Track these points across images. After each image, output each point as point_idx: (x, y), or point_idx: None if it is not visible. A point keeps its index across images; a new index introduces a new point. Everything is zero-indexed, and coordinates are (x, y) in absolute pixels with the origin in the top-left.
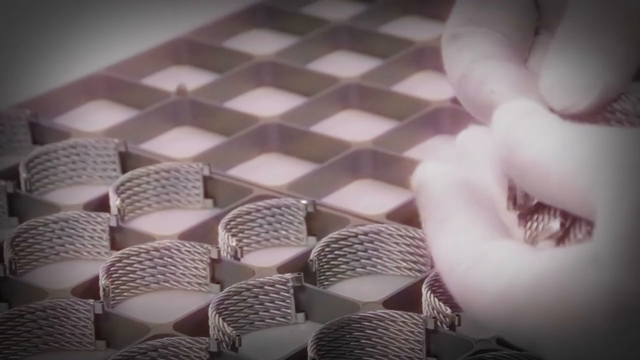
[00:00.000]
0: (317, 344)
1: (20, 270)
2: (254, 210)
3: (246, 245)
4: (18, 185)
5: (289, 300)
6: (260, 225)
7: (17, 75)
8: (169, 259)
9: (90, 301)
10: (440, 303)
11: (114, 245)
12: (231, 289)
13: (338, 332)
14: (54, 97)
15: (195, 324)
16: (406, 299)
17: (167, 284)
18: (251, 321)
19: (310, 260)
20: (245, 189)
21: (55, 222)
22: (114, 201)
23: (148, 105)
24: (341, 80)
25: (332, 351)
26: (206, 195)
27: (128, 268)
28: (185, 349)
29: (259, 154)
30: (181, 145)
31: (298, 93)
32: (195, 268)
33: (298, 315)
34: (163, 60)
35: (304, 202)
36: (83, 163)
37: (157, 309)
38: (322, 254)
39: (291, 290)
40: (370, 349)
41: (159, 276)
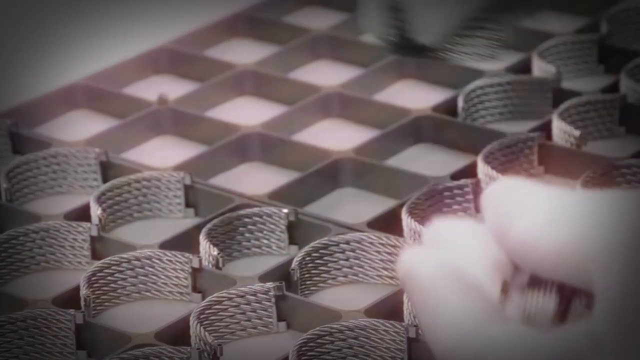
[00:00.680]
0: (299, 353)
1: (0, 280)
2: (236, 219)
3: (227, 254)
4: None
5: (270, 309)
6: (242, 234)
7: None
8: (150, 269)
9: (71, 311)
10: None
11: (95, 255)
12: (212, 298)
13: (320, 341)
14: (35, 107)
15: (177, 334)
16: (387, 308)
17: (149, 294)
18: (233, 330)
19: (292, 269)
20: (227, 198)
21: (36, 232)
22: (95, 211)
23: (129, 115)
24: (322, 89)
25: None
26: (187, 204)
27: (109, 278)
28: (166, 359)
29: (240, 163)
30: (162, 154)
31: (279, 102)
32: (176, 277)
33: (280, 324)
34: (144, 70)
35: (285, 211)
36: (64, 173)
37: (139, 318)
38: (304, 263)
39: (273, 299)
40: (352, 358)
41: (140, 286)
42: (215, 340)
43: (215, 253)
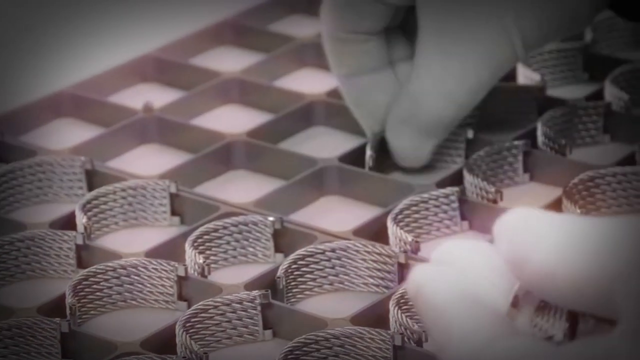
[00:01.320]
0: None
1: None
2: (221, 227)
3: (213, 262)
4: None
5: (256, 318)
6: (228, 243)
7: None
8: (136, 277)
9: (57, 320)
10: (408, 319)
11: (81, 264)
12: (198, 307)
13: (306, 349)
14: (20, 115)
15: (163, 342)
16: (373, 316)
17: (134, 302)
18: (218, 339)
19: (278, 277)
20: (212, 206)
21: (21, 241)
22: (81, 219)
23: (114, 123)
24: (307, 97)
25: None
26: (173, 212)
27: (95, 286)
28: None
29: (226, 171)
30: (148, 162)
31: (265, 110)
32: (162, 286)
33: (265, 332)
34: (129, 78)
35: (271, 219)
36: (49, 181)
37: (124, 327)
38: (290, 271)
39: (258, 308)
40: None
41: (126, 294)
42: (201, 349)
43: (201, 261)
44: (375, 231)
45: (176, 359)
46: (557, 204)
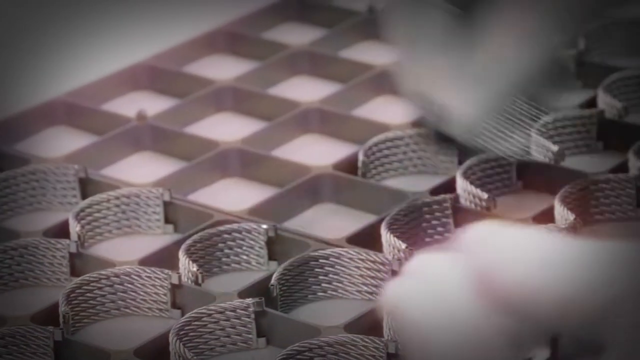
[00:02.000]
0: None
1: None
2: (215, 235)
3: (207, 270)
4: None
5: (250, 325)
6: (221, 250)
7: None
8: (130, 285)
9: (50, 328)
10: None
11: (74, 272)
12: (192, 315)
13: (299, 357)
14: (13, 123)
15: (156, 350)
16: (367, 323)
17: (128, 310)
18: (212, 347)
19: (271, 285)
20: (206, 214)
21: (14, 249)
22: (74, 227)
23: (108, 131)
24: (301, 105)
25: None
26: (167, 220)
27: (88, 294)
28: None
29: (219, 179)
30: (141, 170)
31: (258, 118)
32: (155, 294)
33: (259, 340)
34: (123, 86)
35: (264, 227)
36: (43, 189)
37: (118, 335)
38: (283, 279)
39: (252, 315)
40: None
41: (120, 302)
42: (195, 357)
43: (194, 269)
44: (369, 239)
45: None
46: (551, 211)
